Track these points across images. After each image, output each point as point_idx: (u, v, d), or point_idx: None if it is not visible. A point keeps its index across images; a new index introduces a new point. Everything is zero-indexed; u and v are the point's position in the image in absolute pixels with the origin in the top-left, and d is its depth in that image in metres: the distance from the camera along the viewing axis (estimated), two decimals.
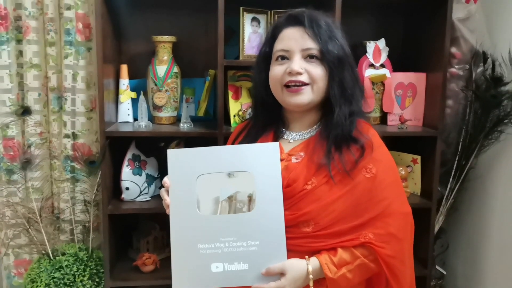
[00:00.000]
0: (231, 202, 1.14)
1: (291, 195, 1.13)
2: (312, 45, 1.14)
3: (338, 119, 1.14)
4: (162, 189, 1.17)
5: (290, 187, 1.13)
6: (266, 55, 1.23)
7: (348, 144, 1.14)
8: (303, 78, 1.14)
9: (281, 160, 1.18)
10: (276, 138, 1.23)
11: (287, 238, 1.11)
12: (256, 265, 1.10)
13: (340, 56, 1.15)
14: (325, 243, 1.11)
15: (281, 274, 1.09)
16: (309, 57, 1.15)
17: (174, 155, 1.16)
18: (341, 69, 1.15)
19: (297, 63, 1.14)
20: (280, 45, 1.18)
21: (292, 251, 1.12)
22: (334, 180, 1.11)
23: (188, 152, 1.18)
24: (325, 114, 1.20)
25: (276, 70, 1.17)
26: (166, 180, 1.15)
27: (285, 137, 1.24)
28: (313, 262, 1.10)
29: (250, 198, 1.13)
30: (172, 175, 1.15)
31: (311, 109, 1.21)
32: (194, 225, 1.12)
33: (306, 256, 1.11)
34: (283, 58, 1.17)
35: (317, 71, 1.15)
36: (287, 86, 1.16)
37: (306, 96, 1.15)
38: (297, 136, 1.23)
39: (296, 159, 1.18)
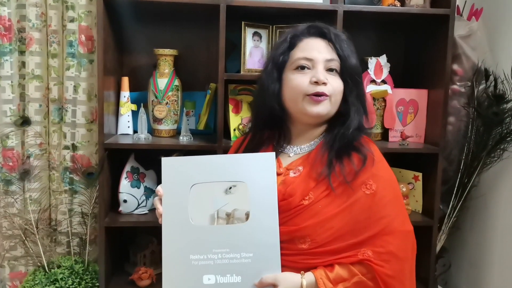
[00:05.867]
0: (229, 219, 1.12)
1: (287, 209, 1.11)
2: (335, 57, 1.16)
3: (347, 130, 1.15)
4: (156, 198, 1.16)
5: (285, 201, 1.12)
6: (281, 64, 1.18)
7: (349, 154, 1.13)
8: (327, 89, 1.13)
9: (279, 174, 1.16)
10: (275, 152, 1.19)
11: (282, 254, 1.09)
12: (249, 278, 1.08)
13: (358, 72, 1.18)
14: (322, 260, 1.09)
15: (274, 286, 1.07)
16: (329, 70, 1.16)
17: (169, 163, 1.14)
18: (358, 84, 1.18)
19: (322, 73, 1.13)
20: (301, 53, 1.16)
21: (288, 267, 1.10)
22: (335, 191, 1.09)
23: (183, 161, 1.16)
24: (328, 128, 1.20)
25: (298, 79, 1.14)
26: (159, 188, 1.14)
27: (286, 151, 1.23)
28: (308, 277, 1.08)
29: (248, 216, 1.11)
30: (166, 183, 1.13)
31: (320, 123, 1.20)
32: (187, 235, 1.10)
33: (302, 271, 1.09)
34: (304, 67, 1.15)
35: (337, 84, 1.16)
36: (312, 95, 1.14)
37: (325, 107, 1.15)
38: (298, 150, 1.21)
39: (294, 173, 1.16)
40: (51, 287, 1.80)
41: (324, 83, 1.13)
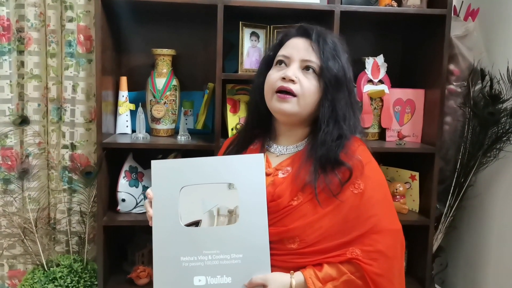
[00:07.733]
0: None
1: (276, 210, 1.12)
2: (313, 59, 1.14)
3: (324, 138, 1.13)
4: (146, 201, 1.17)
5: (274, 202, 1.12)
6: (269, 59, 1.23)
7: (333, 167, 1.11)
8: (295, 87, 1.13)
9: (268, 175, 1.17)
10: (263, 151, 1.22)
11: (272, 254, 1.10)
12: (239, 279, 1.09)
13: (338, 76, 1.14)
14: (311, 259, 1.10)
15: (263, 286, 1.08)
16: (306, 69, 1.14)
17: (158, 166, 1.14)
18: (337, 89, 1.14)
19: (292, 71, 1.14)
20: (283, 51, 1.19)
21: (278, 267, 1.11)
22: (320, 199, 1.09)
23: (172, 163, 1.17)
24: (313, 131, 1.18)
25: (273, 75, 1.17)
26: (149, 191, 1.15)
27: (272, 150, 1.23)
28: (297, 277, 1.09)
29: None
30: (156, 186, 1.14)
31: (300, 124, 1.19)
32: (177, 237, 1.10)
33: (291, 271, 1.10)
34: (281, 63, 1.17)
35: (309, 84, 1.14)
36: (277, 92, 1.15)
37: (291, 106, 1.14)
38: (284, 150, 1.21)
39: (283, 174, 1.16)
40: (50, 286, 1.81)
41: (292, 80, 1.12)
